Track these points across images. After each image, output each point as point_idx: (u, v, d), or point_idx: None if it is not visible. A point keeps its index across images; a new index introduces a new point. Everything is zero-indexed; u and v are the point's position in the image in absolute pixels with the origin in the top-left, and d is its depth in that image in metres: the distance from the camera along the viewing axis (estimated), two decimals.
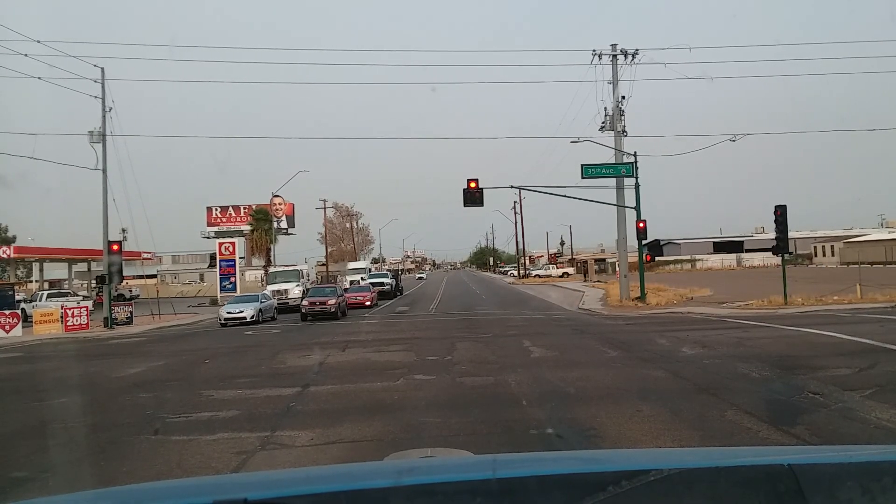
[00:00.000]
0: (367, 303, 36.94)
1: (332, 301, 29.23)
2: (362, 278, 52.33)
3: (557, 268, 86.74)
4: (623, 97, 30.15)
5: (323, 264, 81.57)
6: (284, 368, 14.72)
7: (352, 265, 66.18)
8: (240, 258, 54.77)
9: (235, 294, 48.81)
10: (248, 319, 28.64)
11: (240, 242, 56.26)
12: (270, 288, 38.20)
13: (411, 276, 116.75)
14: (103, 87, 29.79)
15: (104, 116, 29.89)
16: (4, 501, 6.71)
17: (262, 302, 30.97)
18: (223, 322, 28.79)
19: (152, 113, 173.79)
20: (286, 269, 45.18)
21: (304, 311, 29.21)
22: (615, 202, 30.76)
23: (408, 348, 17.22)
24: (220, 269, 51.10)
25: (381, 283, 47.71)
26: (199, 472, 6.93)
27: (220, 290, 49.67)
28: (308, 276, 43.62)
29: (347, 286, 45.90)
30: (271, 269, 47.78)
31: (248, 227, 64.77)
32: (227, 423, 9.34)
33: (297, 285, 38.38)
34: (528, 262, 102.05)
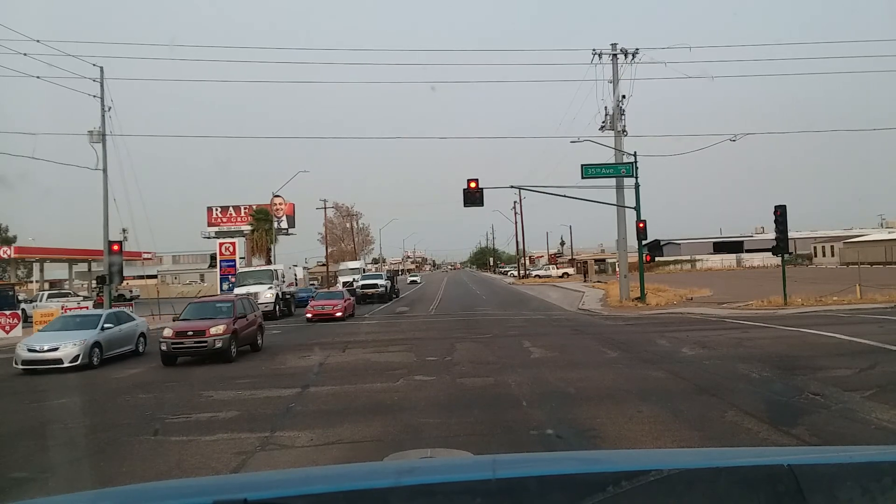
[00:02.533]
0: (339, 314, 28.48)
1: (221, 328, 16.36)
2: (355, 279, 48.79)
3: (557, 268, 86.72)
4: (623, 97, 30.17)
5: (323, 264, 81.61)
6: (284, 369, 14.72)
7: (345, 265, 61.34)
8: (240, 258, 54.78)
9: (361, 279, 48.67)
10: (67, 364, 15.87)
11: (240, 242, 56.32)
12: (238, 291, 31.78)
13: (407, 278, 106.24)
14: (102, 86, 29.77)
15: (103, 116, 29.88)
16: (4, 501, 6.71)
17: (104, 328, 17.55)
18: (22, 368, 16.13)
19: (152, 113, 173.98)
20: (256, 269, 38.42)
21: (165, 347, 16.38)
22: (615, 202, 30.76)
23: (408, 349, 17.22)
24: (220, 270, 51.19)
25: (375, 286, 43.50)
26: (198, 472, 6.93)
27: (221, 290, 49.70)
28: (283, 276, 35.98)
29: (340, 288, 42.07)
30: (239, 270, 40.40)
31: (249, 228, 64.76)
32: (227, 423, 9.34)
33: (270, 288, 32.88)
34: (528, 262, 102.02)
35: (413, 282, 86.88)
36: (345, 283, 49.64)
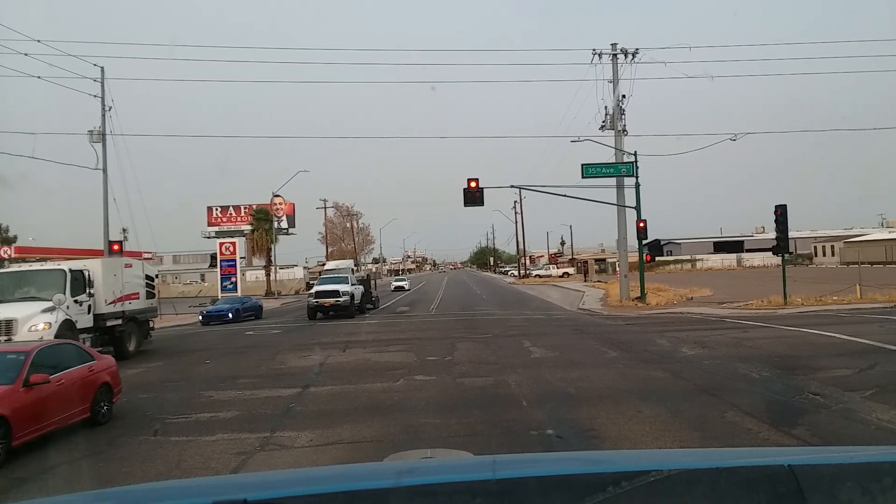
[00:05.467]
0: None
1: None
2: (309, 284, 36.11)
3: (558, 268, 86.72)
4: (623, 96, 30.18)
5: (323, 264, 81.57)
6: (285, 369, 14.72)
7: (330, 265, 46.31)
8: (240, 258, 54.80)
9: (236, 294, 48.53)
10: None
11: (240, 242, 56.30)
12: None
13: (409, 278, 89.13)
14: (103, 86, 29.83)
15: (104, 116, 29.93)
16: (4, 501, 6.71)
17: None
18: None
19: (152, 113, 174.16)
20: (29, 268, 19.09)
21: None
22: (615, 202, 30.76)
23: (408, 349, 17.21)
24: (220, 269, 51.17)
25: (334, 294, 29.53)
26: (198, 472, 6.93)
27: (221, 290, 49.74)
28: (90, 283, 17.55)
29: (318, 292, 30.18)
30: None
31: (249, 227, 64.80)
32: (227, 423, 9.34)
33: (50, 310, 15.78)
34: (528, 262, 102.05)
35: (399, 288, 62.51)
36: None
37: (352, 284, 31.28)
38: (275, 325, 27.92)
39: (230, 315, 31.35)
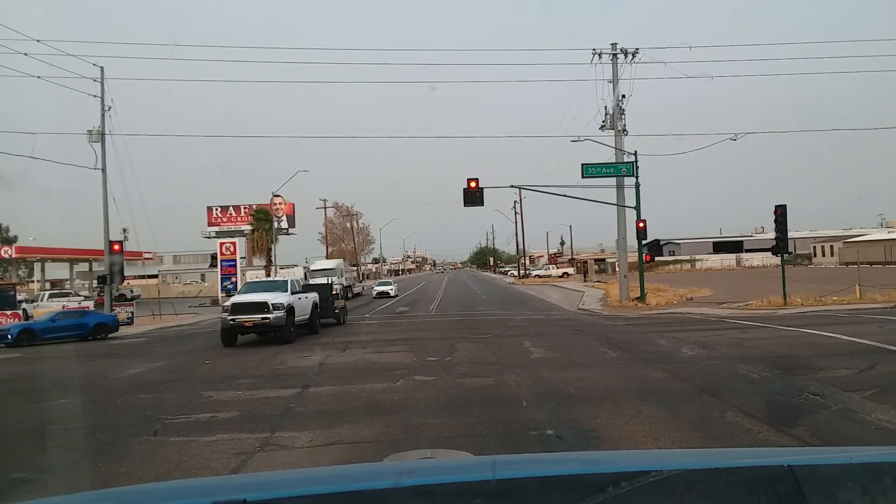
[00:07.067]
0: None
1: None
2: (332, 281, 30.55)
3: (557, 268, 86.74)
4: (623, 96, 30.21)
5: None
6: (284, 369, 14.71)
7: (318, 265, 42.11)
8: (241, 258, 54.77)
9: (236, 294, 48.44)
10: None
11: (240, 242, 56.27)
12: None
13: (409, 278, 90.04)
14: (102, 86, 29.86)
15: (103, 115, 29.98)
16: (4, 502, 6.71)
17: None
18: None
19: (152, 113, 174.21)
20: None
21: None
22: (615, 202, 30.76)
23: (408, 349, 17.21)
24: (221, 269, 51.21)
25: (260, 308, 20.17)
26: (198, 473, 6.92)
27: (222, 290, 49.80)
28: None
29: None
30: None
31: (249, 227, 64.74)
32: (227, 424, 9.33)
33: None
34: (528, 262, 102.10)
35: (383, 294, 50.37)
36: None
37: (292, 293, 21.80)
38: None
39: (10, 337, 23.91)
